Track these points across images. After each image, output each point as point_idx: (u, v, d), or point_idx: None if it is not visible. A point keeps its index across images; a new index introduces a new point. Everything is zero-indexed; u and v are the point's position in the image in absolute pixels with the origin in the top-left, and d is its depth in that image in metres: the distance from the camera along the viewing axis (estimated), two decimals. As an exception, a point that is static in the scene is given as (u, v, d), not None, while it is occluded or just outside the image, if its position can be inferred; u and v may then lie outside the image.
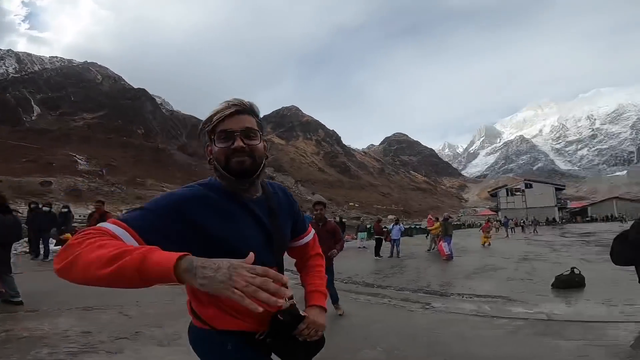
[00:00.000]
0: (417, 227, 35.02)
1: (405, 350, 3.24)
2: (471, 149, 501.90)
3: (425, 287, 6.34)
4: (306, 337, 1.10)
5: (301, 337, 1.10)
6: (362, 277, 7.59)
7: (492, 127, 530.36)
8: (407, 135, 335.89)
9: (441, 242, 11.59)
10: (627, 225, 3.68)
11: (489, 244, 15.88)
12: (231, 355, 1.07)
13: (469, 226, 59.13)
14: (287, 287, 0.79)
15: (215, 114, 1.05)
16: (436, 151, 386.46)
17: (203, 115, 1.16)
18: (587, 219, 61.04)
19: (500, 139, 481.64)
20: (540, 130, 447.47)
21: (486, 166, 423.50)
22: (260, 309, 0.74)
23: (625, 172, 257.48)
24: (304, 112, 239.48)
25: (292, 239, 1.30)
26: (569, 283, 5.73)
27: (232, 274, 0.74)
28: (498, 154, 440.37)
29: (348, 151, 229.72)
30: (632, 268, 3.20)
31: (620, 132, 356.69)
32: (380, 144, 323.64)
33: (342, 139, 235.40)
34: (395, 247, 12.92)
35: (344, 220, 19.70)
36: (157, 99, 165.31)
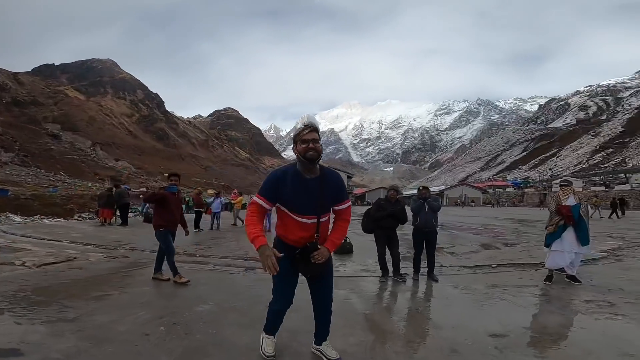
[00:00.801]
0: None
1: (233, 302, 3.89)
2: (293, 133, 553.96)
3: (244, 255, 7.08)
4: (316, 259, 2.17)
5: (313, 259, 2.17)
6: (183, 249, 7.38)
7: (312, 117, 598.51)
8: (238, 112, 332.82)
9: None
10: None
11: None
12: (282, 259, 2.12)
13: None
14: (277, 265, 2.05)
15: (301, 131, 2.21)
16: (262, 131, 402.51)
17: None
18: (364, 202, 79.39)
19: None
20: (346, 127, 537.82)
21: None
22: (269, 273, 2.08)
23: (392, 168, 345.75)
24: (122, 68, 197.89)
25: (334, 205, 2.31)
26: (343, 250, 7.12)
27: (262, 257, 2.06)
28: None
29: (170, 118, 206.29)
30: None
31: (394, 137, 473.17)
32: (209, 116, 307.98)
33: (165, 104, 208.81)
34: (215, 220, 13.14)
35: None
36: None
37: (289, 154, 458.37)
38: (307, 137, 2.14)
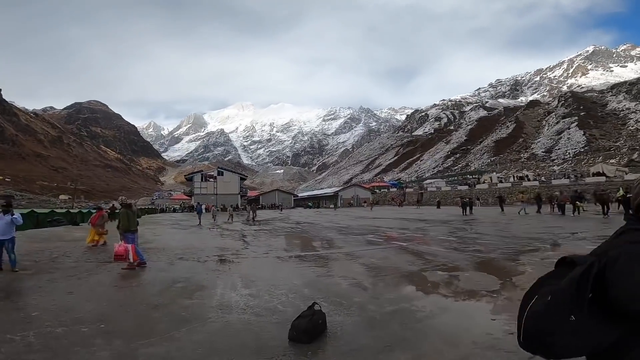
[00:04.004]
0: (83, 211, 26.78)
1: None
2: (176, 133, 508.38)
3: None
4: None
5: None
6: None
7: (200, 116, 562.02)
8: (106, 106, 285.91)
9: (122, 242, 7.32)
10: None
11: (100, 243, 10.81)
12: None
13: (162, 210, 57.28)
14: None
15: None
16: (139, 129, 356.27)
17: None
18: (259, 206, 76.74)
19: (204, 129, 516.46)
20: (237, 128, 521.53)
21: (187, 152, 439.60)
22: None
23: (282, 170, 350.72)
24: None
25: None
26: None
27: None
28: (200, 142, 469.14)
29: (9, 109, 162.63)
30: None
31: (285, 140, 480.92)
32: (65, 109, 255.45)
33: (1, 93, 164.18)
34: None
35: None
36: None
37: (171, 154, 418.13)
38: None
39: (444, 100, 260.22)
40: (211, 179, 61.19)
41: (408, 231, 13.46)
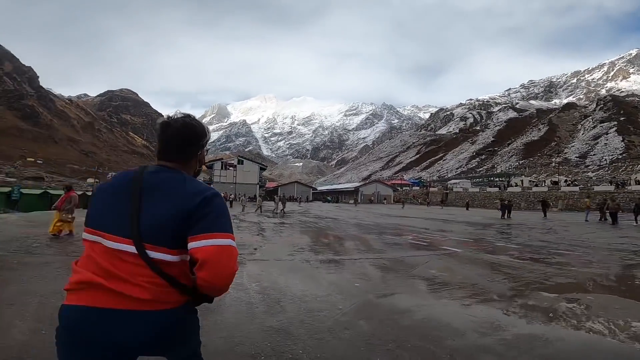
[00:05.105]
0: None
1: None
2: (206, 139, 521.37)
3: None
4: None
5: None
6: None
7: (224, 107, 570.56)
8: (137, 94, 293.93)
9: None
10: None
11: (64, 233, 8.68)
12: None
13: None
14: None
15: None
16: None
17: None
18: (274, 196, 76.01)
19: (228, 119, 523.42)
20: (259, 119, 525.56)
21: (210, 141, 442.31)
22: None
23: (301, 163, 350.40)
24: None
25: None
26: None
27: None
28: (222, 132, 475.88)
29: (45, 95, 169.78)
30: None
31: (306, 133, 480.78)
32: (98, 96, 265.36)
33: (39, 80, 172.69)
34: None
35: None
36: None
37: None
38: None
39: (470, 99, 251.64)
40: (231, 167, 60.67)
41: (450, 234, 11.72)
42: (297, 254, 6.91)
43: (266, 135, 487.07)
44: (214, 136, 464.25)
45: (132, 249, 1.13)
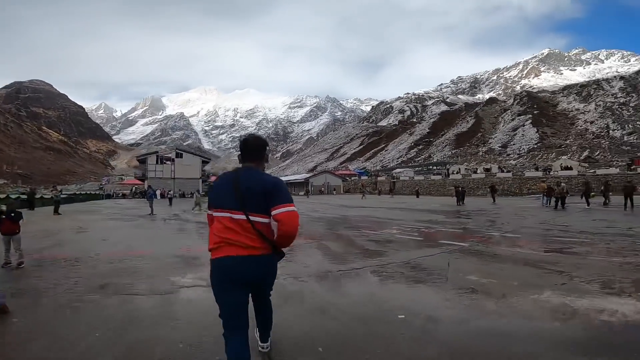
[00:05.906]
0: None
1: None
2: (131, 115, 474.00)
3: None
4: None
5: None
6: None
7: (159, 99, 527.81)
8: (51, 86, 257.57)
9: None
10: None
11: None
12: None
13: (108, 196, 50.20)
14: None
15: None
16: (87, 110, 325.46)
17: None
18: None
19: (163, 112, 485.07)
20: (198, 112, 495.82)
21: (142, 135, 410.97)
22: None
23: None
24: None
25: None
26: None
27: None
28: (157, 125, 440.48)
29: None
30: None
31: (249, 126, 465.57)
32: (4, 88, 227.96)
33: None
34: None
35: None
36: None
37: (124, 137, 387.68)
38: None
39: (408, 93, 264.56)
40: (168, 162, 54.60)
41: (431, 224, 10.74)
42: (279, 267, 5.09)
43: (207, 128, 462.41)
44: (147, 130, 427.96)
45: (243, 217, 1.85)
